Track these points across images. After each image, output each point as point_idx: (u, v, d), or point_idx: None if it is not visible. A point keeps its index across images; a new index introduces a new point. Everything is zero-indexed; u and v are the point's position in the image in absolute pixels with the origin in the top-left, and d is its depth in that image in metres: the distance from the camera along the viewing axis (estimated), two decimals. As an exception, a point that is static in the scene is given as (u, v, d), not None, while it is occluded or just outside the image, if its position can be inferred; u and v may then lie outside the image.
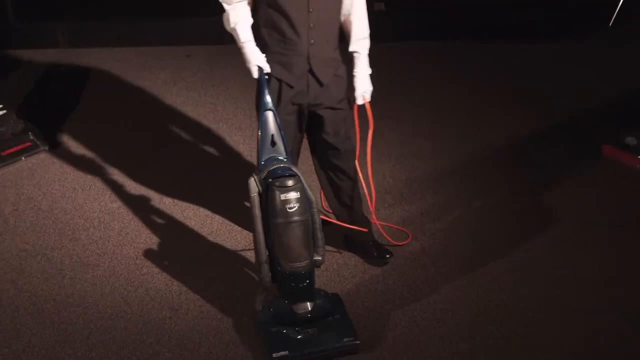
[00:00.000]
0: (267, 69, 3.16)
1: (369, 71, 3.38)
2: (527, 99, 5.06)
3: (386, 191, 4.13)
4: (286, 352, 2.97)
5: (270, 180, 2.97)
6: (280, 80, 3.23)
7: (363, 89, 3.37)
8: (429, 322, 3.26)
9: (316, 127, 3.41)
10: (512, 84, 5.27)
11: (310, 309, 3.09)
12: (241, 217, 3.87)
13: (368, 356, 3.08)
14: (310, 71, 3.25)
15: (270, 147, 3.10)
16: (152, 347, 3.13)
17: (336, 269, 3.55)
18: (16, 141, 4.44)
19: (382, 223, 3.76)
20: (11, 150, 4.38)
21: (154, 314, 3.31)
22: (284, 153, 3.11)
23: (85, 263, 3.61)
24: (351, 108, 3.40)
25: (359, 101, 3.38)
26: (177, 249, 3.71)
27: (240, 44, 3.16)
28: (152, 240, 3.76)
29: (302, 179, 3.01)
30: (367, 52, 3.37)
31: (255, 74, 3.16)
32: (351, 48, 3.36)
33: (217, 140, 4.62)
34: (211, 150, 4.55)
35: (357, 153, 3.48)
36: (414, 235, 3.79)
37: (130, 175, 4.25)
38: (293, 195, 2.94)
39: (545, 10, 5.82)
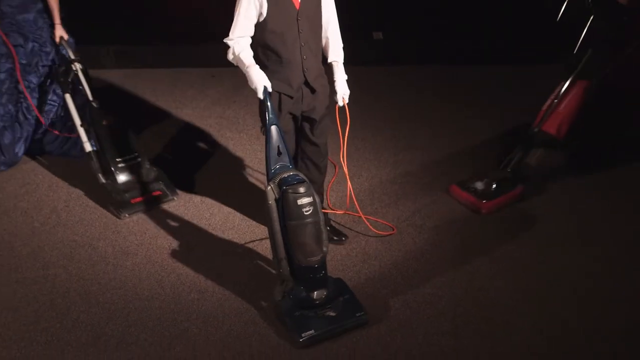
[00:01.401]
0: (269, 87, 3.15)
1: (346, 77, 3.38)
2: (505, 114, 5.03)
3: (383, 192, 4.15)
4: (312, 332, 3.02)
5: (284, 187, 2.98)
6: (279, 93, 3.25)
7: (343, 91, 3.36)
8: (419, 305, 3.28)
9: (304, 129, 3.42)
10: (494, 101, 5.23)
11: (325, 295, 3.11)
12: (259, 215, 3.87)
13: (366, 333, 3.11)
14: (305, 82, 3.28)
15: (277, 156, 3.10)
16: (182, 324, 3.16)
17: (339, 260, 3.57)
18: (148, 189, 4.01)
19: (370, 217, 3.81)
20: (141, 198, 3.96)
21: (184, 296, 3.33)
22: (288, 161, 3.12)
23: (126, 252, 3.63)
24: (332, 110, 3.41)
25: (340, 103, 3.37)
26: (204, 241, 3.72)
27: (246, 69, 3.16)
28: (182, 233, 3.77)
29: (308, 182, 3.03)
30: (342, 60, 3.39)
31: (261, 94, 3.14)
32: (330, 58, 3.38)
33: (237, 148, 4.64)
34: (232, 156, 4.56)
35: (343, 150, 3.46)
36: (407, 230, 3.80)
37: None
38: (306, 200, 2.97)
39: (521, 39, 5.83)
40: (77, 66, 4.17)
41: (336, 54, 3.38)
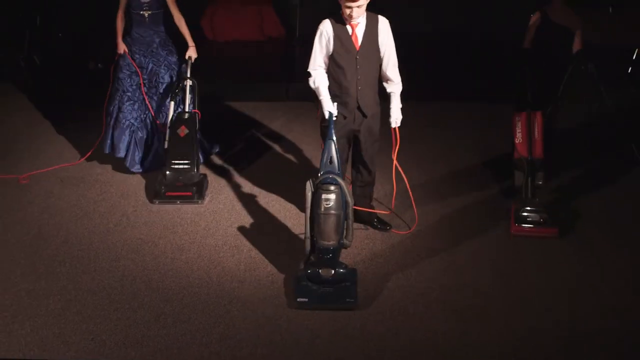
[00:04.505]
0: (335, 112, 3.33)
1: (400, 105, 3.48)
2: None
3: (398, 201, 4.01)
4: (306, 300, 3.11)
5: (319, 184, 3.14)
6: (340, 113, 3.41)
7: (395, 117, 3.47)
8: (411, 291, 3.27)
9: (357, 144, 3.54)
10: (481, 132, 5.02)
11: (332, 274, 3.17)
12: (295, 217, 3.87)
13: (373, 313, 3.09)
14: (358, 107, 3.41)
15: (329, 164, 3.20)
16: (225, 306, 3.18)
17: (371, 247, 3.53)
18: (182, 189, 4.01)
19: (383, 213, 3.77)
20: (173, 194, 4.00)
21: (227, 284, 3.34)
22: (337, 169, 3.20)
23: (181, 248, 3.64)
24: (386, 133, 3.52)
25: (393, 125, 3.48)
26: (245, 240, 3.71)
27: (320, 97, 3.38)
28: (226, 234, 3.77)
29: (343, 187, 3.12)
30: (399, 92, 3.49)
31: (327, 116, 3.33)
32: (389, 90, 3.50)
33: (274, 161, 4.60)
34: (270, 167, 4.50)
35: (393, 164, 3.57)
36: (406, 234, 3.75)
37: (210, 185, 4.24)
38: (332, 196, 3.10)
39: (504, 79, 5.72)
40: (188, 82, 4.20)
41: (393, 87, 3.49)
